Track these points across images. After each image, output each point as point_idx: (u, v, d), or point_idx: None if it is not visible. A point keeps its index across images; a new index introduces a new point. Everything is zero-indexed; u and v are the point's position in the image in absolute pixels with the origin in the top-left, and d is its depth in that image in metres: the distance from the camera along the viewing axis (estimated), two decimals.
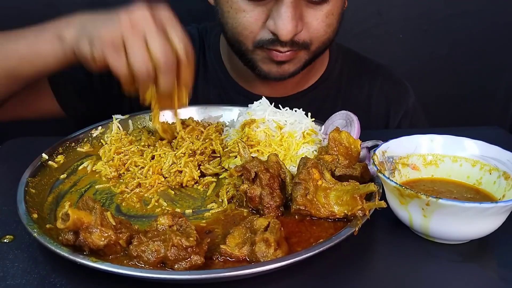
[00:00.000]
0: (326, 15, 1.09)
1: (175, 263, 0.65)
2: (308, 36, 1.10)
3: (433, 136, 0.87)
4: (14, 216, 0.75)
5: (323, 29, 1.11)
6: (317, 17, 1.09)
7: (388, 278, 0.71)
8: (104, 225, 0.67)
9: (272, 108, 0.99)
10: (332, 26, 1.13)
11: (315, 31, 1.10)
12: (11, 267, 0.69)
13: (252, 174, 0.80)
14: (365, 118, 1.32)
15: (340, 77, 1.34)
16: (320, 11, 1.09)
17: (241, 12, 1.09)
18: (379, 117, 1.34)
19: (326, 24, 1.11)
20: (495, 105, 2.04)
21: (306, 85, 1.32)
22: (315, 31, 1.10)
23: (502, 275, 0.71)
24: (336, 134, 0.88)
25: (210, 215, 0.81)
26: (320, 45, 1.15)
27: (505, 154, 0.81)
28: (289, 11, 1.02)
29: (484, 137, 0.86)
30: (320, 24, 1.10)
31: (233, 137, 0.97)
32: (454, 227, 0.72)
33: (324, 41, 1.14)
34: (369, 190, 0.74)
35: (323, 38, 1.13)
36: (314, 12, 1.08)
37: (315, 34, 1.11)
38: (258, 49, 1.12)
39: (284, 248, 0.69)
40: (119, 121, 1.05)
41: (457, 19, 1.86)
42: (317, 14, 1.09)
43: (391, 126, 1.34)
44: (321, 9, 1.09)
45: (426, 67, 1.92)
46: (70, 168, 0.94)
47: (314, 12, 1.08)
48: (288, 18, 1.03)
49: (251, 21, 1.09)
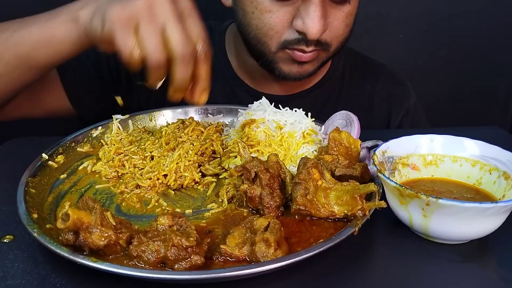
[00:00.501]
0: (346, 15, 1.11)
1: (175, 263, 0.65)
2: (329, 36, 1.11)
3: (433, 136, 0.87)
4: (14, 216, 0.75)
5: (342, 29, 1.12)
6: (338, 17, 1.10)
7: (388, 278, 0.71)
8: (104, 225, 0.67)
9: (272, 108, 0.99)
10: (349, 26, 1.15)
11: (336, 31, 1.11)
12: (11, 267, 0.69)
13: (252, 174, 0.80)
14: (367, 117, 1.33)
15: (342, 76, 1.35)
16: (341, 11, 1.10)
17: (267, 13, 1.09)
18: (381, 116, 1.35)
19: (345, 24, 1.12)
20: (495, 105, 2.04)
21: (310, 84, 1.32)
22: (336, 31, 1.11)
23: (502, 275, 0.71)
24: (336, 134, 0.88)
25: (210, 215, 0.81)
26: (338, 45, 1.16)
27: (505, 154, 0.81)
28: (318, 10, 1.03)
29: (484, 137, 0.86)
30: (340, 24, 1.11)
31: (233, 137, 0.97)
32: (454, 227, 0.72)
33: (342, 41, 1.16)
34: (369, 190, 0.74)
35: (342, 38, 1.15)
36: (336, 12, 1.09)
37: (335, 34, 1.12)
38: (281, 50, 1.12)
39: (284, 248, 0.69)
40: (119, 121, 1.05)
41: (457, 19, 1.86)
42: (338, 14, 1.10)
43: (392, 125, 1.34)
44: (342, 9, 1.10)
45: (426, 67, 1.92)
46: (70, 168, 0.94)
47: (336, 12, 1.09)
48: (317, 17, 1.03)
49: (277, 21, 1.09)
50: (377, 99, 1.35)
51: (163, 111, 1.12)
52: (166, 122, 1.09)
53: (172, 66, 0.83)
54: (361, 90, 1.36)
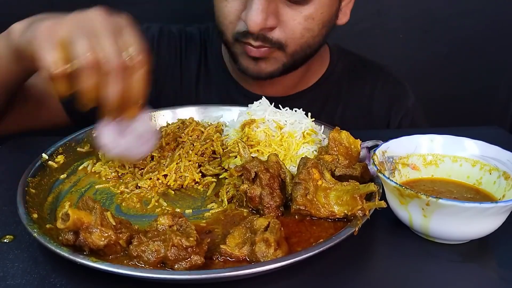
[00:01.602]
0: (304, 18, 1.09)
1: (175, 263, 0.65)
2: (283, 36, 1.10)
3: (433, 136, 0.87)
4: (14, 216, 0.75)
5: (299, 31, 1.10)
6: (294, 18, 1.08)
7: (388, 278, 0.71)
8: (104, 225, 0.67)
9: (272, 108, 0.99)
10: (311, 31, 1.12)
11: (291, 32, 1.10)
12: (11, 267, 0.69)
13: (252, 174, 0.80)
14: (366, 118, 1.33)
15: (341, 78, 1.35)
16: (298, 12, 1.08)
17: (224, 1, 1.11)
18: (380, 117, 1.35)
19: (303, 27, 1.10)
20: (495, 105, 2.04)
21: (306, 85, 1.32)
22: (291, 32, 1.10)
23: (502, 275, 0.71)
24: (336, 134, 0.88)
25: (210, 215, 0.81)
26: (297, 49, 1.13)
27: (505, 154, 0.81)
28: (260, 3, 1.03)
29: (484, 137, 0.86)
30: (297, 26, 1.09)
31: (233, 137, 0.97)
32: (454, 227, 0.72)
33: (301, 45, 1.13)
34: (369, 190, 0.74)
35: (300, 41, 1.12)
36: (292, 12, 1.08)
37: (291, 35, 1.10)
38: (237, 42, 1.13)
39: (284, 248, 0.69)
40: None
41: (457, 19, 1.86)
42: (294, 15, 1.08)
43: (391, 126, 1.34)
44: (299, 10, 1.08)
45: (426, 67, 1.92)
46: (70, 168, 0.94)
47: (292, 12, 1.08)
48: (257, 10, 1.03)
49: (231, 11, 1.10)
50: (376, 100, 1.35)
51: (163, 111, 1.12)
52: (166, 122, 1.09)
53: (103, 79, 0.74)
54: (360, 91, 1.35)
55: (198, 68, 1.33)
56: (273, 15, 1.06)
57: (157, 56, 1.31)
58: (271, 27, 1.07)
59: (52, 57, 0.73)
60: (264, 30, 1.07)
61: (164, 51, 1.32)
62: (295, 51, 1.14)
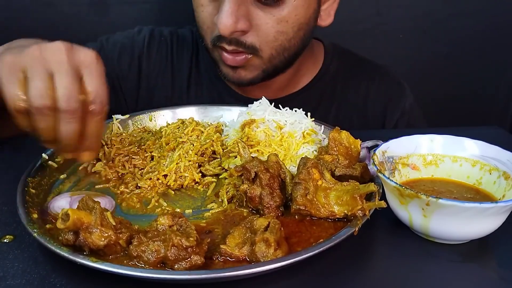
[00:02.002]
0: (277, 21, 1.07)
1: (175, 263, 0.65)
2: (257, 40, 1.08)
3: (433, 136, 0.87)
4: (14, 216, 0.75)
5: (272, 34, 1.08)
6: (266, 21, 1.07)
7: (388, 278, 0.71)
8: (104, 225, 0.67)
9: (272, 108, 0.99)
10: (285, 34, 1.10)
11: (264, 35, 1.08)
12: (11, 267, 0.69)
13: (252, 174, 0.80)
14: (361, 118, 1.32)
15: (335, 78, 1.33)
16: (270, 15, 1.07)
17: (200, 7, 1.11)
18: (376, 117, 1.33)
19: (276, 31, 1.08)
20: (495, 105, 2.04)
21: (299, 86, 1.31)
22: (264, 35, 1.08)
23: (502, 275, 0.71)
24: (336, 134, 0.88)
25: (210, 215, 0.81)
26: (273, 53, 1.11)
27: (505, 154, 0.81)
28: (229, 6, 1.02)
29: (484, 137, 0.86)
30: (270, 29, 1.08)
31: (233, 137, 0.97)
32: (454, 227, 0.72)
33: (276, 48, 1.11)
34: (369, 190, 0.74)
35: (274, 44, 1.10)
36: (264, 15, 1.07)
37: (264, 39, 1.09)
38: (215, 48, 1.13)
39: (284, 248, 0.69)
40: (119, 121, 1.05)
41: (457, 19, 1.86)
42: (267, 18, 1.07)
43: (387, 127, 1.33)
44: (272, 13, 1.07)
45: (426, 67, 1.92)
46: (70, 168, 0.94)
47: (264, 15, 1.07)
48: (226, 13, 1.02)
49: (207, 15, 1.10)
50: (372, 100, 1.33)
51: (163, 111, 1.12)
52: (166, 122, 1.09)
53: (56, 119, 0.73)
54: (355, 91, 1.33)
55: (190, 71, 1.32)
56: (244, 18, 1.05)
57: (148, 60, 1.31)
58: (243, 30, 1.06)
59: (13, 91, 0.72)
60: (237, 34, 1.06)
61: (155, 55, 1.32)
62: (271, 56, 1.12)
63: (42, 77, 0.72)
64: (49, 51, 0.74)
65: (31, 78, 0.72)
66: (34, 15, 1.54)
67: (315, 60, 1.33)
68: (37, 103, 0.71)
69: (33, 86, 0.71)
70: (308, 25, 1.14)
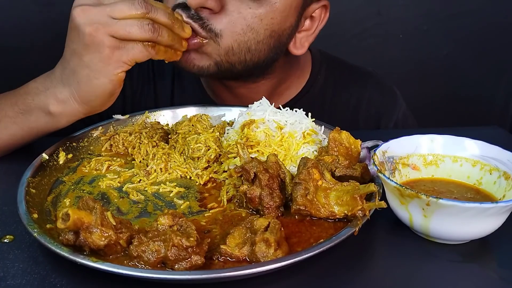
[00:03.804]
0: (252, 14, 1.01)
1: (175, 263, 0.65)
2: (221, 26, 1.01)
3: (433, 136, 0.87)
4: (14, 216, 0.75)
5: (241, 26, 1.01)
6: (240, 10, 1.00)
7: (388, 278, 0.71)
8: (104, 225, 0.67)
9: (272, 108, 0.99)
10: (255, 33, 1.03)
11: (231, 24, 1.01)
12: (11, 267, 0.69)
13: (251, 174, 0.80)
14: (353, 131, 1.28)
15: (324, 90, 1.28)
16: (246, 6, 1.01)
17: None
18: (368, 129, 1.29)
19: (247, 24, 1.02)
20: (495, 105, 2.04)
21: (285, 100, 1.25)
22: (231, 24, 1.01)
23: (502, 275, 0.71)
24: (336, 135, 0.88)
25: (210, 215, 0.81)
26: (234, 46, 1.03)
27: (505, 154, 0.81)
28: None
29: (484, 137, 0.86)
30: (240, 20, 1.01)
31: (233, 138, 0.96)
32: (455, 227, 0.72)
33: (240, 44, 1.03)
34: (369, 190, 0.74)
35: (239, 38, 1.03)
36: (240, 4, 1.00)
37: (230, 28, 1.01)
38: None
39: (284, 248, 0.69)
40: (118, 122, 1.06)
41: (457, 19, 1.86)
42: (241, 7, 1.00)
43: None
44: (248, 5, 1.01)
45: (426, 67, 1.92)
46: (70, 168, 0.94)
47: (240, 4, 1.00)
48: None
49: None
50: (363, 113, 1.28)
51: (163, 111, 1.12)
52: (166, 122, 1.09)
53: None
54: (346, 103, 1.29)
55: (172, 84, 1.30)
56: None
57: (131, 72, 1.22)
58: (211, 8, 0.99)
59: (139, 48, 0.88)
60: (204, 11, 0.99)
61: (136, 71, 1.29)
62: (230, 48, 1.04)
63: (125, 24, 0.85)
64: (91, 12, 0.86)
65: (126, 35, 0.85)
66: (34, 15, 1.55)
67: (301, 73, 1.28)
68: (148, 32, 0.86)
69: (134, 31, 0.86)
70: (280, 37, 1.08)
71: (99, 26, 0.84)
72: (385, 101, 1.32)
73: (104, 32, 0.84)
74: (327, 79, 1.30)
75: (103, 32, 0.84)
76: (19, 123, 0.95)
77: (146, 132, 1.00)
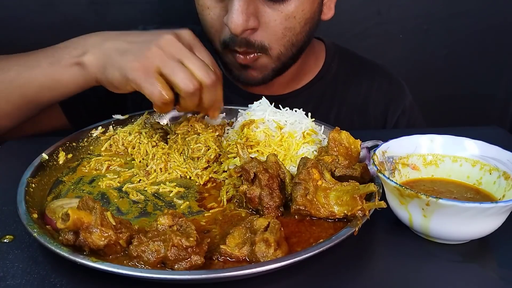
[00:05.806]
0: (285, 17, 1.07)
1: (175, 263, 0.65)
2: (266, 37, 1.08)
3: (433, 136, 0.87)
4: (14, 216, 0.75)
5: (281, 31, 1.08)
6: (274, 18, 1.06)
7: (388, 278, 0.71)
8: (104, 225, 0.67)
9: (272, 108, 0.99)
10: (293, 30, 1.10)
11: (273, 33, 1.08)
12: (11, 267, 0.69)
13: (251, 174, 0.80)
14: (362, 117, 1.32)
15: (336, 77, 1.34)
16: (278, 12, 1.06)
17: (206, 9, 1.10)
18: (377, 116, 1.34)
19: (285, 27, 1.08)
20: (495, 105, 2.04)
21: (301, 84, 1.31)
22: (273, 33, 1.08)
23: (502, 275, 0.71)
24: (336, 134, 0.88)
25: (209, 215, 0.81)
26: (282, 50, 1.12)
27: (505, 154, 0.81)
28: (239, 4, 1.01)
29: (484, 137, 0.86)
30: (278, 26, 1.07)
31: (232, 138, 0.97)
32: (454, 227, 0.72)
33: (285, 45, 1.11)
34: (369, 190, 0.74)
35: (283, 41, 1.10)
36: (272, 12, 1.06)
37: (273, 36, 1.08)
38: (227, 51, 1.12)
39: (284, 248, 0.69)
40: None
41: (457, 19, 1.86)
42: (275, 15, 1.06)
43: (388, 125, 1.34)
44: (279, 10, 1.06)
45: (426, 67, 1.92)
46: (70, 168, 0.94)
47: (272, 12, 1.06)
48: (237, 11, 1.01)
49: (214, 18, 1.09)
50: (373, 100, 1.34)
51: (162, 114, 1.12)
52: (166, 122, 1.09)
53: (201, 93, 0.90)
54: (356, 90, 1.34)
55: None
56: (253, 16, 1.05)
57: None
58: (253, 28, 1.05)
59: (157, 92, 0.86)
60: (247, 33, 1.06)
61: None
62: (280, 53, 1.12)
63: (180, 69, 0.87)
64: (168, 45, 0.89)
65: (171, 73, 0.87)
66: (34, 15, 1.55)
67: (316, 59, 1.33)
68: (189, 89, 0.87)
69: (179, 78, 0.87)
70: (314, 19, 1.14)
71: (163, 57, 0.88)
72: (393, 90, 1.37)
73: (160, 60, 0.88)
74: (340, 67, 1.35)
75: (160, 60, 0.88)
76: (45, 67, 0.97)
77: (145, 132, 1.01)
